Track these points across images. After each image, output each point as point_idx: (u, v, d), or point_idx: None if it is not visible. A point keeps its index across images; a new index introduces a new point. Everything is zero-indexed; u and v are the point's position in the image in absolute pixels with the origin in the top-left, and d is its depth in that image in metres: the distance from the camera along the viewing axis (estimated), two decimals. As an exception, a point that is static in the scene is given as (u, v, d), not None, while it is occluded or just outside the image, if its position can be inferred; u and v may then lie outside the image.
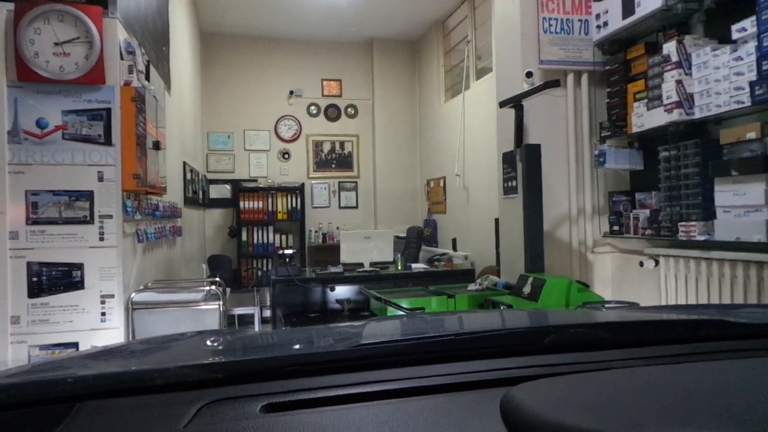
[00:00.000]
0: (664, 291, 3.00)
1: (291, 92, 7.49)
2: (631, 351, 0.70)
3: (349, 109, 7.74)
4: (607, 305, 2.80)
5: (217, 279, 3.32)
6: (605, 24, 3.45)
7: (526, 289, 3.11)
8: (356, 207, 7.75)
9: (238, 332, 1.29)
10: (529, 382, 0.52)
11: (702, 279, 2.76)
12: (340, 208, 7.70)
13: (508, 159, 3.87)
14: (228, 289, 3.67)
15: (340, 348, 0.73)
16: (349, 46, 7.68)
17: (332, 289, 4.83)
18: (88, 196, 2.60)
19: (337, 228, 7.33)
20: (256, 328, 4.34)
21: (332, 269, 5.08)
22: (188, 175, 5.31)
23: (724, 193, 2.63)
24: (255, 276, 6.87)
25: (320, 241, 7.39)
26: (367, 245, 5.56)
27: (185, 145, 5.31)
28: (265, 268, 6.95)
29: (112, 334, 2.63)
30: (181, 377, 0.61)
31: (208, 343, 0.91)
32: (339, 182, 7.72)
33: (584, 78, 3.64)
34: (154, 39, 3.75)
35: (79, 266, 2.59)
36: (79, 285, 2.59)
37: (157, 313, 2.81)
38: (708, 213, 2.74)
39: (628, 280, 3.47)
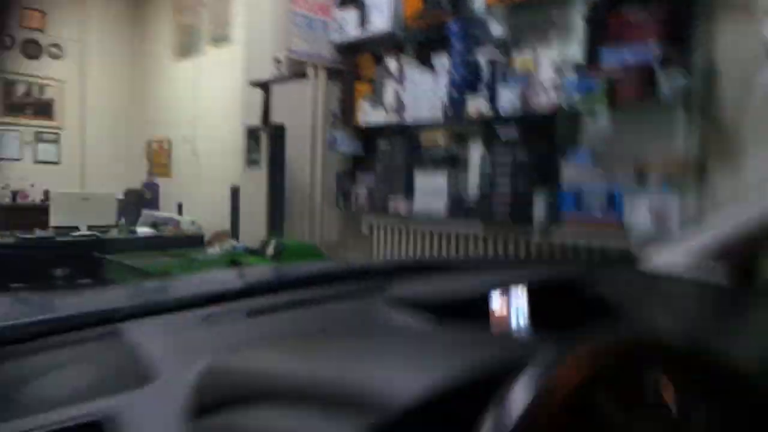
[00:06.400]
0: (376, 253, 3.86)
1: (-29, 14, 6.06)
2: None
3: (53, 49, 6.70)
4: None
5: None
6: (342, 30, 4.08)
7: (269, 251, 3.58)
8: (58, 162, 6.83)
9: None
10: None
11: (404, 244, 3.69)
12: (36, 162, 6.68)
13: (252, 134, 4.21)
14: None
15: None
16: (56, -25, 6.62)
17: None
18: None
19: (32, 185, 6.39)
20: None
21: (40, 233, 4.59)
22: None
23: (421, 180, 3.57)
24: None
25: (9, 200, 6.30)
26: (84, 207, 5.15)
27: None
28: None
29: None
30: None
31: None
32: (36, 132, 6.66)
33: (323, 73, 4.22)
34: None
35: None
36: None
37: None
38: (410, 193, 3.65)
39: (351, 245, 4.26)
